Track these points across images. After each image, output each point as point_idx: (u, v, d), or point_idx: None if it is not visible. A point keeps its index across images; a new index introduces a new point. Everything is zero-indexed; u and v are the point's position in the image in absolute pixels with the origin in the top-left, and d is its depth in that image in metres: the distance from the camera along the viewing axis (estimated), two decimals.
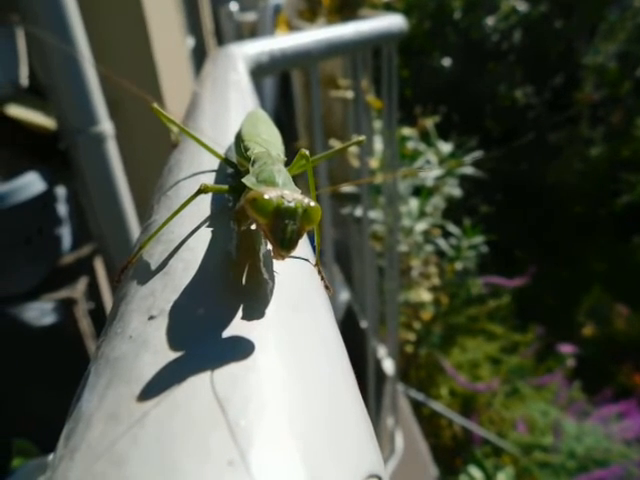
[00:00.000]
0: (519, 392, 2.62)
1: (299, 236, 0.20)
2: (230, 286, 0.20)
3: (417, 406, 2.44)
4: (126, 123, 1.11)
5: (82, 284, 1.02)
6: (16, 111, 1.05)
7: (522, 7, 4.50)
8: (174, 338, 0.17)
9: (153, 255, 0.22)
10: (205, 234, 0.23)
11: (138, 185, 1.11)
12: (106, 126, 0.97)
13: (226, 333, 0.17)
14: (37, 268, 1.00)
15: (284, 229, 0.20)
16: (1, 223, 0.92)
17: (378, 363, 1.76)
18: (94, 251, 1.12)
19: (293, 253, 0.21)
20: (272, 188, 0.21)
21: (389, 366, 1.79)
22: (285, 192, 0.20)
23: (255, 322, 0.18)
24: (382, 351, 1.84)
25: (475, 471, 2.15)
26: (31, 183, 0.94)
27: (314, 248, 0.27)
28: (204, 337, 0.17)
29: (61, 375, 1.02)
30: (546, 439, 2.32)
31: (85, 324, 1.01)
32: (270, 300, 0.20)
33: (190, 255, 0.21)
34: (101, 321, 1.06)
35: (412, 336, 2.58)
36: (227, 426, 0.13)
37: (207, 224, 0.24)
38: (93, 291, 1.07)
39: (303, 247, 0.25)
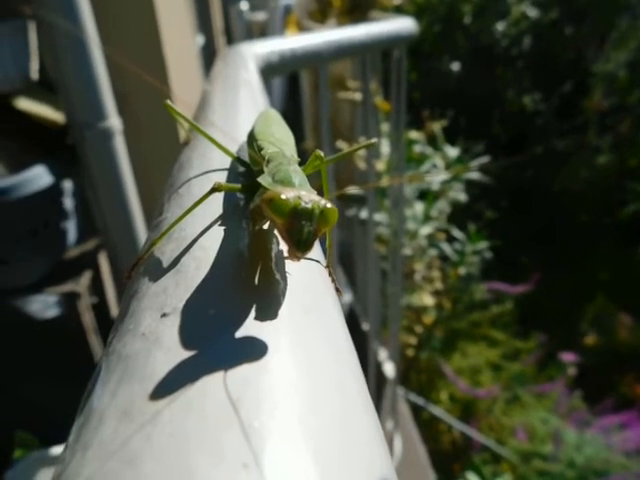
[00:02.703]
0: (519, 399, 2.61)
1: (315, 237, 0.20)
2: (243, 286, 0.20)
3: (417, 410, 2.44)
4: (134, 119, 1.11)
5: (86, 278, 1.02)
6: (26, 104, 1.05)
7: (533, 13, 4.49)
8: (187, 336, 0.17)
9: (165, 253, 0.22)
10: (217, 233, 0.23)
11: (145, 181, 1.11)
12: (114, 121, 0.97)
13: (239, 333, 0.17)
14: (42, 261, 1.01)
15: (300, 230, 0.20)
16: (8, 215, 0.93)
17: (379, 366, 1.75)
18: (99, 245, 1.12)
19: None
20: (289, 188, 0.21)
21: (390, 369, 1.78)
22: (302, 193, 0.20)
23: (268, 323, 0.18)
24: (383, 354, 1.84)
25: (473, 477, 2.14)
26: (38, 176, 0.95)
27: (325, 250, 0.27)
28: (217, 337, 0.17)
29: (63, 368, 1.02)
30: (545, 447, 2.31)
31: (88, 318, 1.01)
32: (282, 301, 0.19)
33: (202, 254, 0.21)
34: (104, 315, 1.06)
35: (413, 340, 2.58)
36: (240, 427, 0.13)
37: (219, 223, 0.24)
38: (97, 285, 1.07)
39: (314, 249, 0.25)
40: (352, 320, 1.97)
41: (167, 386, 0.14)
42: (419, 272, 2.46)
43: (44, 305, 0.98)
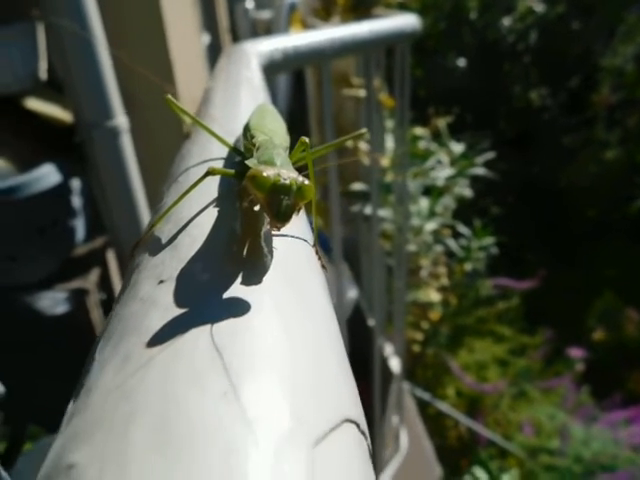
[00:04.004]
0: (526, 394, 2.62)
1: (293, 210, 0.23)
2: (232, 257, 0.22)
3: (423, 405, 2.45)
4: (141, 117, 1.13)
5: (94, 275, 1.04)
6: (35, 104, 1.08)
7: (539, 8, 4.47)
8: (180, 298, 0.19)
9: (163, 232, 0.24)
10: (212, 214, 0.25)
11: (151, 179, 1.13)
12: (121, 120, 0.99)
13: (226, 295, 0.19)
14: (51, 258, 1.03)
15: (279, 203, 0.22)
16: (17, 214, 0.95)
17: (384, 361, 1.76)
18: (106, 243, 1.14)
19: (293, 232, 0.24)
20: (270, 167, 0.24)
21: (395, 364, 1.79)
22: (282, 171, 0.23)
23: (253, 287, 0.20)
24: (389, 349, 1.85)
25: (480, 472, 2.15)
26: (47, 175, 0.97)
27: (313, 230, 0.29)
28: (207, 298, 0.19)
29: (72, 363, 1.04)
30: (552, 442, 2.31)
31: (96, 314, 1.03)
32: (268, 270, 0.22)
33: (197, 231, 0.24)
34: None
35: (420, 336, 2.59)
36: (222, 367, 0.15)
37: (214, 205, 0.26)
38: (105, 282, 1.09)
39: (303, 229, 0.27)
40: (358, 316, 1.98)
41: (160, 337, 0.16)
42: (425, 268, 2.47)
43: (53, 301, 1.00)
